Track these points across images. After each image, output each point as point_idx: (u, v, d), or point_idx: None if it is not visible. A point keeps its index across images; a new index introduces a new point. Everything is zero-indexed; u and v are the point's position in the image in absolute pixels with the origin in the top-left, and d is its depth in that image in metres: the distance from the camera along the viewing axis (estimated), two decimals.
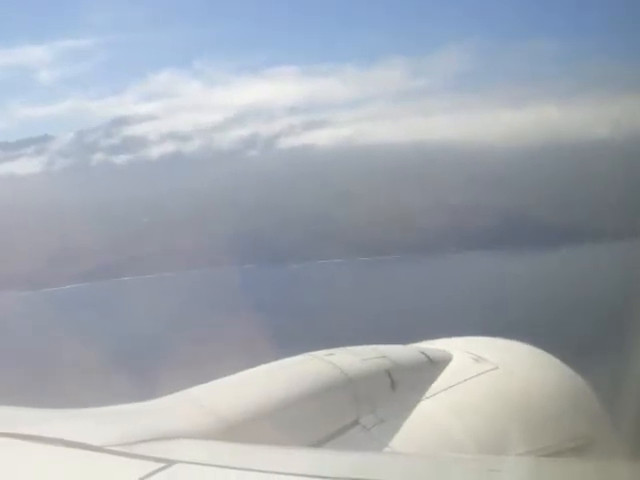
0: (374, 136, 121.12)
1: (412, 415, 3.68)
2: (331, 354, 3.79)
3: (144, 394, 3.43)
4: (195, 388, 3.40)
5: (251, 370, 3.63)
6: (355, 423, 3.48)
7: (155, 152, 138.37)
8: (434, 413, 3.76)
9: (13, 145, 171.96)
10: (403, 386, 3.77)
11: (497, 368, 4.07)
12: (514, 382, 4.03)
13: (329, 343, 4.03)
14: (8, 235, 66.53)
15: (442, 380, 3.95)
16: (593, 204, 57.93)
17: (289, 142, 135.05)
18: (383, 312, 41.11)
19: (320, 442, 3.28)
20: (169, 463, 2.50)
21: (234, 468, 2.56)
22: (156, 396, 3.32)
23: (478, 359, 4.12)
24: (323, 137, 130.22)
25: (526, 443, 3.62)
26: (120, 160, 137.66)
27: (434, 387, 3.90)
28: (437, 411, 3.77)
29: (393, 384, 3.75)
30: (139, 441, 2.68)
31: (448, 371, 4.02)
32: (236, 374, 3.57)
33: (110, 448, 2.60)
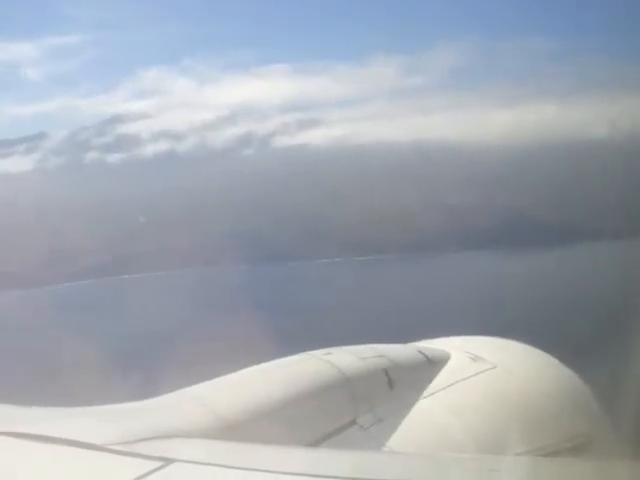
0: (370, 135, 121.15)
1: (410, 414, 3.68)
2: (329, 353, 3.79)
3: (141, 393, 3.42)
4: (193, 387, 3.40)
5: (249, 369, 3.63)
6: (353, 422, 3.48)
7: (149, 150, 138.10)
8: (432, 412, 3.76)
9: (4, 143, 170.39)
10: (401, 385, 3.77)
11: (495, 367, 4.07)
12: (512, 381, 4.04)
13: (327, 343, 4.02)
14: (0, 233, 66.24)
15: (440, 379, 3.96)
16: (592, 203, 57.93)
17: (284, 141, 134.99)
18: (381, 311, 41.11)
19: (318, 441, 3.27)
20: (168, 462, 2.51)
21: (232, 467, 2.56)
22: (154, 395, 3.32)
23: (476, 358, 4.12)
24: (318, 136, 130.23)
25: (524, 442, 3.62)
26: (114, 158, 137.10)
27: (432, 386, 3.90)
28: (435, 410, 3.78)
29: (391, 383, 3.75)
30: (138, 440, 2.68)
31: (446, 370, 4.03)
32: (234, 373, 3.57)
33: (109, 447, 2.60)
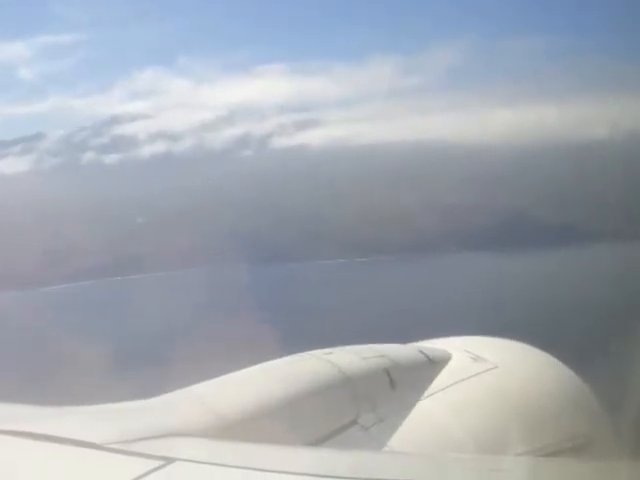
0: (369, 135, 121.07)
1: (411, 414, 3.67)
2: (330, 353, 3.79)
3: (140, 393, 3.41)
4: (194, 386, 3.39)
5: (250, 368, 3.62)
6: (354, 422, 3.46)
7: (146, 151, 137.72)
8: (433, 412, 3.75)
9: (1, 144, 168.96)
10: (402, 385, 3.76)
11: (496, 367, 4.07)
12: (513, 382, 4.03)
13: (326, 344, 4.01)
14: None
15: (441, 379, 3.95)
16: (592, 204, 58.01)
17: (283, 142, 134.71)
18: (381, 312, 41.10)
19: (319, 441, 3.26)
20: (168, 461, 2.50)
21: (233, 466, 2.56)
22: (154, 395, 3.31)
23: (477, 358, 4.12)
24: (317, 137, 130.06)
25: (525, 443, 3.61)
26: (111, 159, 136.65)
27: (433, 386, 3.89)
28: (436, 410, 3.77)
29: (392, 383, 3.74)
30: (138, 439, 2.67)
31: (447, 370, 4.02)
32: (235, 372, 3.57)
33: (109, 446, 2.60)
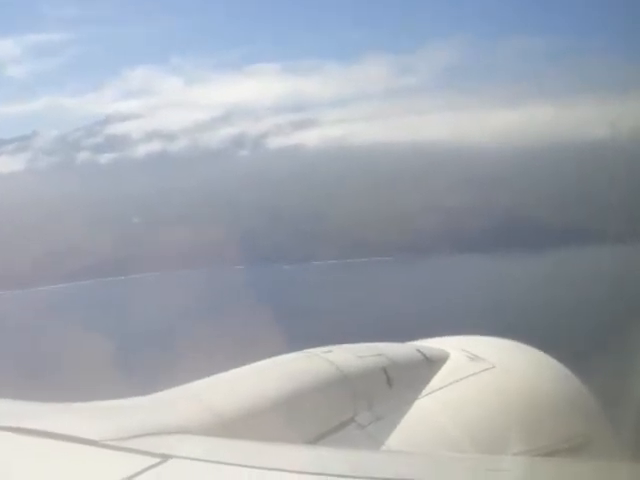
0: (365, 136, 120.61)
1: (408, 413, 3.67)
2: (328, 351, 3.79)
3: (136, 391, 3.40)
4: (191, 384, 3.39)
5: (247, 366, 3.62)
6: (351, 420, 3.46)
7: (142, 151, 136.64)
8: (430, 411, 3.75)
9: None
10: (400, 384, 3.77)
11: (493, 367, 4.07)
12: (510, 381, 4.03)
13: (322, 344, 4.00)
14: None
15: (438, 379, 3.95)
16: (591, 206, 57.95)
17: (279, 142, 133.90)
18: (377, 314, 41.07)
19: (316, 439, 3.26)
20: (165, 458, 2.50)
21: (230, 464, 2.55)
22: (151, 392, 3.30)
23: (474, 358, 4.12)
24: (313, 137, 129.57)
25: (522, 442, 3.61)
26: (106, 159, 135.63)
27: (430, 385, 3.90)
28: (433, 409, 3.77)
29: (390, 382, 3.74)
30: (135, 435, 2.67)
31: (444, 370, 4.02)
32: (232, 370, 3.56)
33: (106, 442, 2.59)
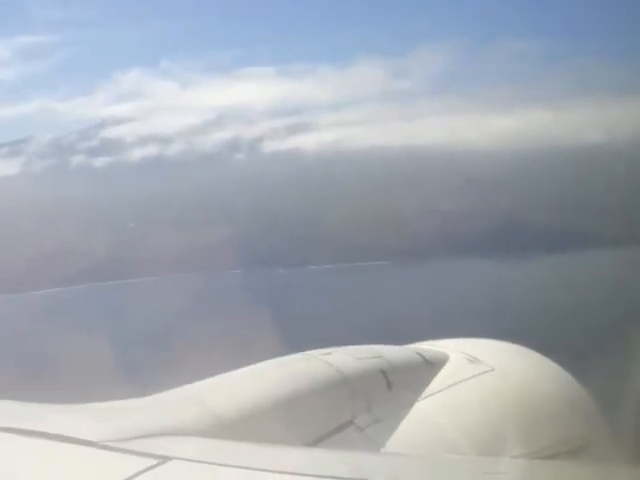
0: (361, 140, 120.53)
1: (407, 416, 3.67)
2: (327, 353, 3.79)
3: (132, 395, 3.39)
4: (190, 385, 3.39)
5: (247, 368, 3.62)
6: (350, 423, 3.46)
7: (136, 154, 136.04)
8: (429, 414, 3.75)
9: None
10: (399, 386, 3.76)
11: (493, 370, 4.06)
12: (509, 384, 4.03)
13: (319, 348, 3.99)
14: None
15: (438, 381, 3.94)
16: (589, 210, 58.13)
17: (274, 146, 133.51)
18: (374, 318, 41.05)
19: (315, 441, 3.26)
20: (164, 459, 2.49)
21: (228, 466, 2.55)
22: (148, 394, 3.29)
23: (473, 360, 4.11)
24: (308, 141, 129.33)
25: (521, 445, 3.61)
26: (100, 162, 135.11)
27: (430, 388, 3.89)
28: (432, 412, 3.76)
29: (389, 384, 3.73)
30: (134, 437, 2.66)
31: (444, 372, 4.01)
32: (231, 372, 3.55)
33: (105, 443, 2.58)
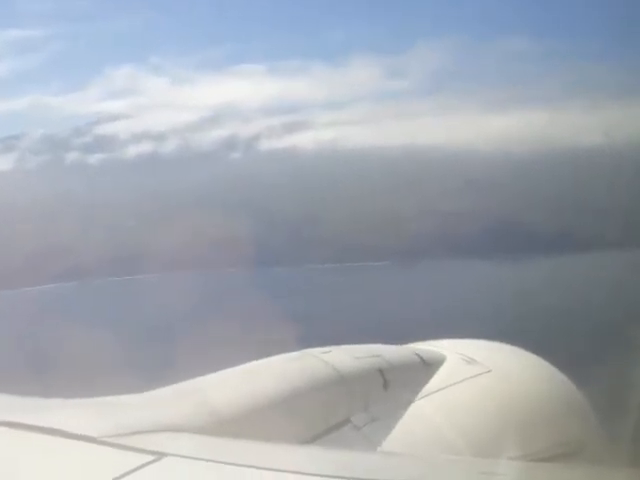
0: (358, 139, 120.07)
1: (404, 415, 3.67)
2: (325, 352, 3.79)
3: (130, 391, 3.38)
4: (187, 382, 3.39)
5: (244, 365, 3.61)
6: (347, 421, 3.46)
7: (131, 152, 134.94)
8: (426, 414, 3.75)
9: None
10: (395, 386, 3.76)
11: (489, 371, 4.06)
12: (506, 385, 4.03)
13: (316, 347, 3.99)
14: None
15: (434, 381, 3.95)
16: (586, 212, 58.12)
17: (271, 144, 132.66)
18: (372, 318, 40.90)
19: (311, 439, 3.26)
20: (160, 456, 2.49)
21: (225, 463, 2.55)
22: (146, 390, 3.28)
23: (471, 361, 4.11)
24: (306, 139, 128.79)
25: (517, 447, 3.60)
26: (95, 159, 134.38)
27: (427, 388, 3.89)
28: (428, 412, 3.77)
29: (386, 383, 3.73)
30: (132, 433, 2.66)
31: (441, 372, 4.02)
32: (229, 369, 3.55)
33: (102, 439, 2.58)
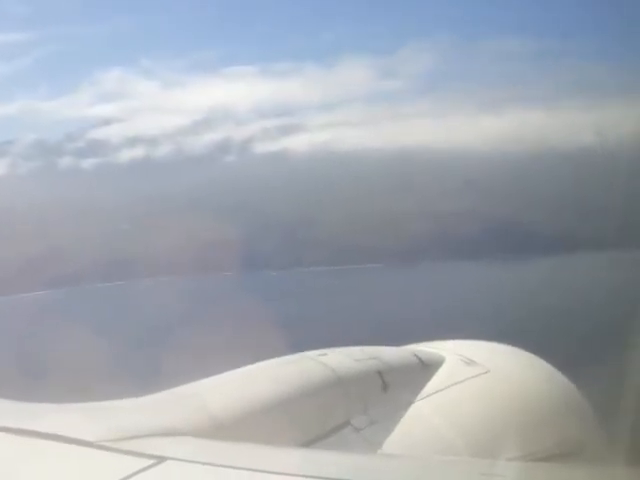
0: (353, 141, 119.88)
1: (403, 417, 3.67)
2: (323, 354, 3.78)
3: (128, 395, 3.36)
4: (186, 386, 3.38)
5: (243, 368, 3.61)
6: (346, 424, 3.45)
7: (124, 156, 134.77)
8: (425, 415, 3.74)
9: None
10: (395, 387, 3.75)
11: (488, 371, 4.07)
12: (505, 385, 4.03)
13: (313, 350, 3.98)
14: None
15: (433, 382, 3.94)
16: (584, 212, 58.08)
17: (265, 147, 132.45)
18: (368, 320, 40.85)
19: (311, 442, 3.25)
20: (160, 460, 2.49)
21: (224, 466, 2.55)
22: (144, 394, 3.27)
23: (469, 362, 4.11)
24: (300, 142, 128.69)
25: (516, 447, 3.61)
26: (88, 164, 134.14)
27: (426, 389, 3.89)
28: (428, 413, 3.76)
29: (385, 385, 3.73)
30: (131, 437, 2.66)
31: (440, 374, 4.01)
32: (228, 372, 3.54)
33: (101, 443, 2.57)
